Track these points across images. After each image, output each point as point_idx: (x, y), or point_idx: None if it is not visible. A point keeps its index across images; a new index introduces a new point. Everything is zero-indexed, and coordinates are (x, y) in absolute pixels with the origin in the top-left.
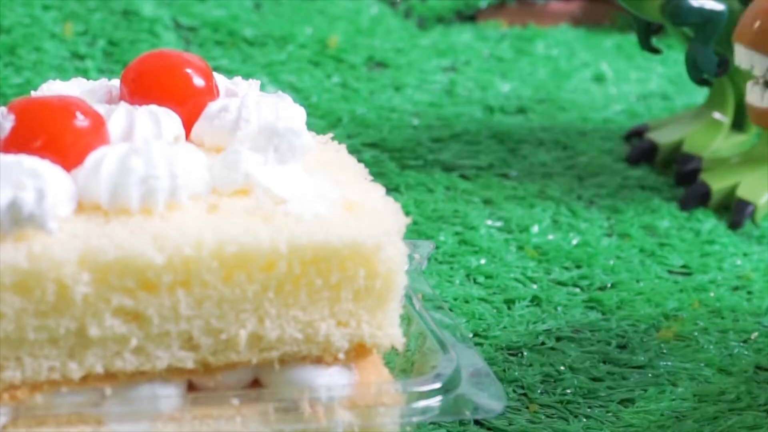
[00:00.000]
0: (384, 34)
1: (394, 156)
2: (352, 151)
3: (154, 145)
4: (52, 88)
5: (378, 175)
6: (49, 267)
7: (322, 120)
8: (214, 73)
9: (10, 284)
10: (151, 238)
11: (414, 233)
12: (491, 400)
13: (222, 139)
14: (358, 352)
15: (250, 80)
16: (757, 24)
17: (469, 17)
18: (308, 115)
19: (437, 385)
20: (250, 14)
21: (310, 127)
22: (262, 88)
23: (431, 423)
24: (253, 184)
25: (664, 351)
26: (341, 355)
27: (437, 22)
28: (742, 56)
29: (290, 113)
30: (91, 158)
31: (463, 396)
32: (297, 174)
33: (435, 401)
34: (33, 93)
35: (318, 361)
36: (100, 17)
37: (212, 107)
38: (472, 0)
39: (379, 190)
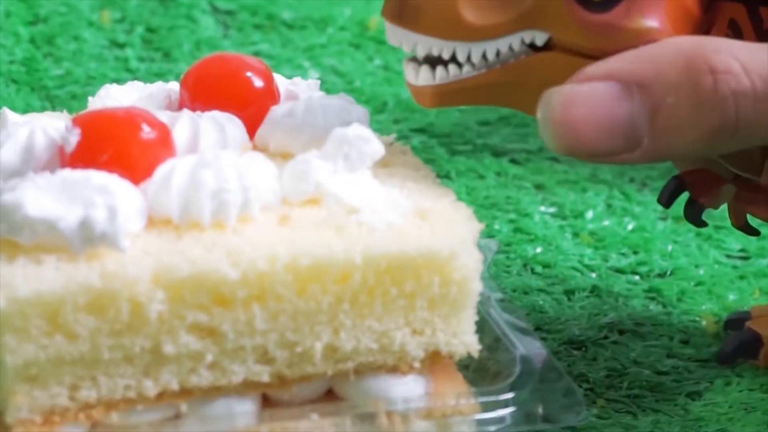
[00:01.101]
0: None
1: (442, 141)
2: (401, 137)
3: (224, 157)
4: (110, 93)
5: (428, 161)
6: (122, 286)
7: (367, 105)
8: (274, 74)
9: (84, 304)
10: (224, 254)
11: None
12: (569, 409)
13: (287, 144)
14: (433, 360)
15: (310, 80)
16: None
17: None
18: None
19: (513, 394)
20: None
21: None
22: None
23: None
24: (324, 194)
25: None
26: (416, 364)
27: None
28: (390, 33)
29: (355, 116)
30: (160, 172)
31: (540, 405)
32: (367, 181)
33: (512, 410)
34: (90, 99)
35: (393, 370)
36: (137, 3)
37: (276, 111)
38: None
39: (449, 194)
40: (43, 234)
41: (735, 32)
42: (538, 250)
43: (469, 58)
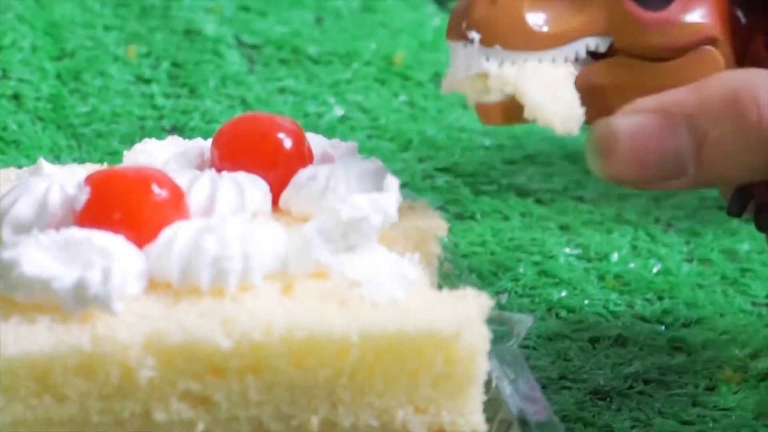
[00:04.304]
0: (448, 48)
1: (467, 181)
2: (425, 176)
3: (230, 223)
4: (146, 148)
5: (453, 201)
6: (113, 350)
7: (392, 143)
8: (313, 135)
9: (74, 367)
10: (219, 322)
11: (493, 264)
12: None
13: (309, 209)
14: None
15: (349, 143)
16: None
17: None
18: (377, 137)
19: None
20: (313, 30)
21: (381, 151)
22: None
23: None
24: (325, 268)
25: (753, 392)
26: None
27: None
28: (457, 55)
29: (383, 184)
30: (165, 235)
31: None
32: (374, 251)
33: None
34: (125, 153)
35: None
36: (163, 37)
37: (301, 175)
38: None
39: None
40: (38, 293)
41: None
42: (563, 293)
43: None
